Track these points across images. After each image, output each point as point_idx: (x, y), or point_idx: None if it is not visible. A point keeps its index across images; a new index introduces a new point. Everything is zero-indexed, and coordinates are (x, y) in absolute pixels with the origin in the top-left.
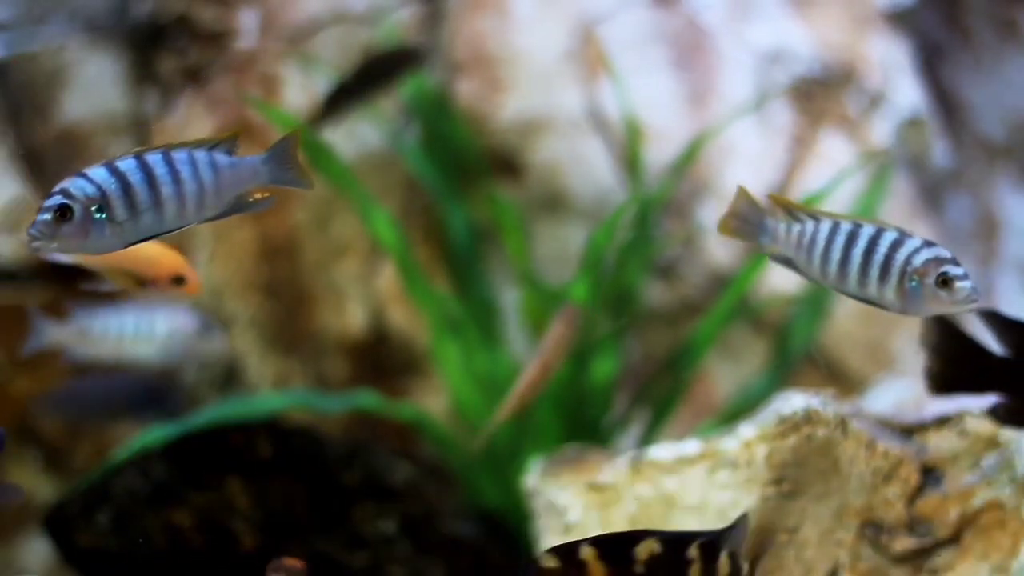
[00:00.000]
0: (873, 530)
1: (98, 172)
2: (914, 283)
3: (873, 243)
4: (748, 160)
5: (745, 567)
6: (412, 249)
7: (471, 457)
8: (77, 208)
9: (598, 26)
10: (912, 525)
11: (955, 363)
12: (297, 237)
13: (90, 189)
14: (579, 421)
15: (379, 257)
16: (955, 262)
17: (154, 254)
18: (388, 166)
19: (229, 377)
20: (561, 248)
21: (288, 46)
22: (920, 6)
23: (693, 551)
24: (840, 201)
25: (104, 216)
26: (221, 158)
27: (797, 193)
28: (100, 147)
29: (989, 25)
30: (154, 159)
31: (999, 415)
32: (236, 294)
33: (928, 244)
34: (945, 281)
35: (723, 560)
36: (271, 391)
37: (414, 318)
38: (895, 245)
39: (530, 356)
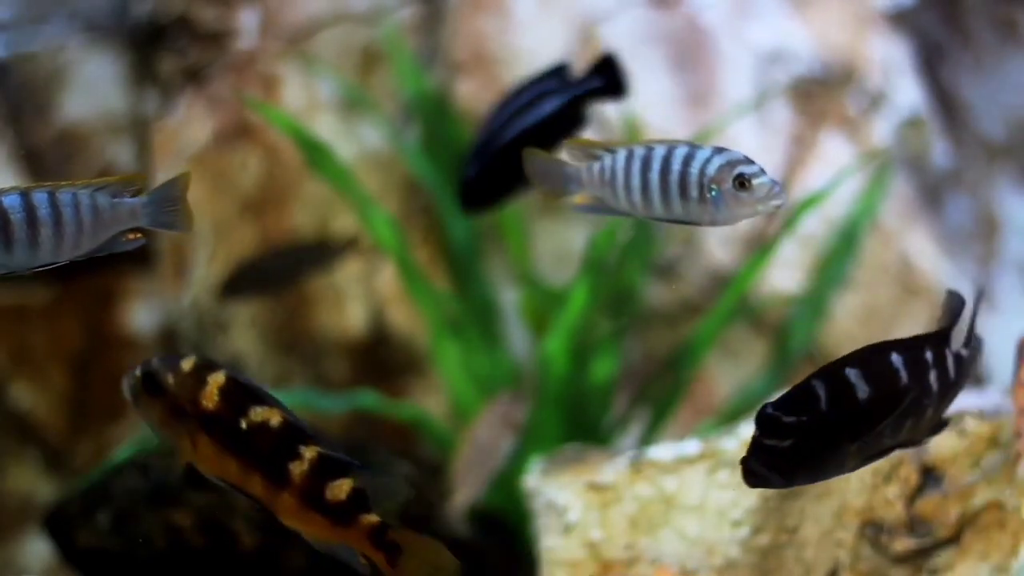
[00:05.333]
0: (873, 530)
1: None
2: (714, 192)
3: (667, 163)
4: None
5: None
6: (412, 249)
7: None
8: None
9: (598, 26)
10: (912, 525)
11: None
12: (297, 237)
13: None
14: (579, 421)
15: (379, 257)
16: (748, 161)
17: None
18: (388, 166)
19: None
20: (561, 248)
21: (288, 46)
22: (920, 6)
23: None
24: (840, 201)
25: None
26: (103, 199)
27: (797, 193)
28: (100, 147)
29: (989, 25)
30: (39, 198)
31: None
32: None
33: (719, 151)
34: (743, 183)
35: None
36: (271, 391)
37: (414, 318)
38: (687, 160)
39: (530, 357)
